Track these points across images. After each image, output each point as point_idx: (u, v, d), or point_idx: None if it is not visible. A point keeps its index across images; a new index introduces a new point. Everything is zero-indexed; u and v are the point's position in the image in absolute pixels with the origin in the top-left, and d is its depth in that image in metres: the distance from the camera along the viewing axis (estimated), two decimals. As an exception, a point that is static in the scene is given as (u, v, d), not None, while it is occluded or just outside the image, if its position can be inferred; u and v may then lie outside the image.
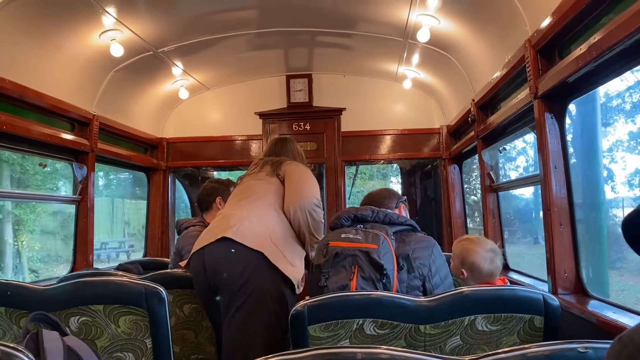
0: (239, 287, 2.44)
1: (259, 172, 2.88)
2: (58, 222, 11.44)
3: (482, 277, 2.35)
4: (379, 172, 11.56)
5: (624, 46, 1.87)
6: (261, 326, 2.43)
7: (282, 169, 2.83)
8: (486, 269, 2.33)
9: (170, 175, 5.39)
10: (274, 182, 2.79)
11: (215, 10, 3.65)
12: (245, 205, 2.70)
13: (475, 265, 2.33)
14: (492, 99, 3.59)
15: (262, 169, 2.90)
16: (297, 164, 2.93)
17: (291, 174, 2.80)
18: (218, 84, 5.22)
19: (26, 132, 3.22)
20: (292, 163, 2.90)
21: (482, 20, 3.23)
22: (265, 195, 2.74)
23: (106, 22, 3.31)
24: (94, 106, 3.94)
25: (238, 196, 2.82)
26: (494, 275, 2.37)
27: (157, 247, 5.21)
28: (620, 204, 6.22)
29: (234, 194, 2.90)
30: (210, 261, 2.51)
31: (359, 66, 5.03)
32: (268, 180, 2.81)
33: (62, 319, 2.03)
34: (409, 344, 1.86)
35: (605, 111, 5.70)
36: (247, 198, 2.75)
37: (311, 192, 2.75)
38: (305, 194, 2.72)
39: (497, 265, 2.36)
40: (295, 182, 2.76)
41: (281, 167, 2.85)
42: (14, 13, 2.80)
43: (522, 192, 8.03)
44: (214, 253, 2.52)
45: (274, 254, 2.48)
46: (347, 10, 3.75)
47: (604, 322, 2.03)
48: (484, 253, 2.35)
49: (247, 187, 2.85)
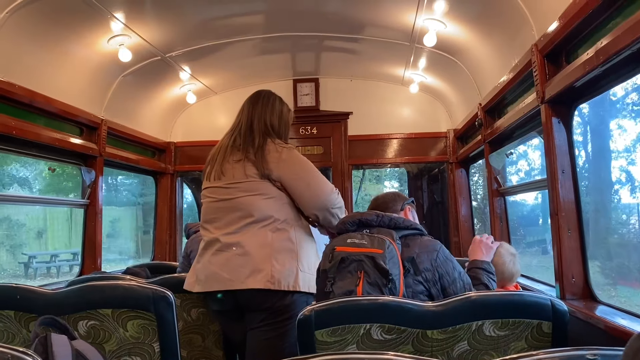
0: (271, 310, 2.40)
1: (241, 175, 2.45)
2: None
3: (502, 279, 2.37)
4: (377, 178, 11.38)
5: (631, 50, 1.86)
6: (287, 340, 2.41)
7: (270, 171, 2.44)
8: (508, 271, 2.41)
9: (177, 179, 5.41)
10: (273, 193, 2.46)
11: (222, 15, 3.67)
12: (256, 237, 2.40)
13: (499, 264, 2.39)
14: (499, 103, 3.58)
15: (245, 169, 2.45)
16: (285, 155, 2.48)
17: (292, 179, 2.47)
18: (225, 88, 5.24)
19: (35, 137, 3.25)
20: (279, 160, 2.46)
21: (489, 25, 3.22)
22: (271, 216, 2.43)
23: (114, 28, 3.34)
24: (102, 111, 3.97)
25: (231, 213, 2.45)
26: (513, 279, 2.42)
27: (165, 250, 5.23)
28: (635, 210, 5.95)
29: (220, 203, 2.50)
30: (242, 301, 2.41)
31: (366, 70, 5.04)
32: (262, 191, 2.44)
33: (71, 323, 2.04)
34: (416, 349, 1.85)
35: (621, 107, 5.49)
36: (251, 224, 2.41)
37: (328, 189, 2.53)
38: (324, 194, 2.51)
39: (517, 269, 2.42)
40: (305, 188, 2.48)
41: (268, 166, 2.44)
42: (24, 19, 2.82)
43: (524, 198, 7.93)
44: (248, 296, 2.39)
45: (306, 282, 2.42)
46: (353, 15, 3.75)
47: (613, 328, 2.01)
48: (507, 255, 2.41)
49: (239, 204, 2.44)
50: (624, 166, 6.00)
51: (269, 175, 2.44)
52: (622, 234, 5.97)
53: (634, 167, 5.83)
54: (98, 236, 3.99)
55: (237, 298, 2.41)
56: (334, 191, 2.56)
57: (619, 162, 6.08)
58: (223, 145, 2.60)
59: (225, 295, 2.43)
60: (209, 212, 2.56)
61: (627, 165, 5.99)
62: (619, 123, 5.55)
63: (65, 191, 8.91)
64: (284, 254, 2.41)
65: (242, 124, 2.60)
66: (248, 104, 2.67)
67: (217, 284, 2.42)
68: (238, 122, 2.63)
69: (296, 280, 2.38)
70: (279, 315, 2.39)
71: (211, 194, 2.56)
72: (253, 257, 2.37)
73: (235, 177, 2.47)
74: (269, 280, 2.34)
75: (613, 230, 5.97)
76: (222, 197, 2.50)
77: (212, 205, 2.55)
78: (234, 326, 2.56)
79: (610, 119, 5.46)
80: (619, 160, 6.08)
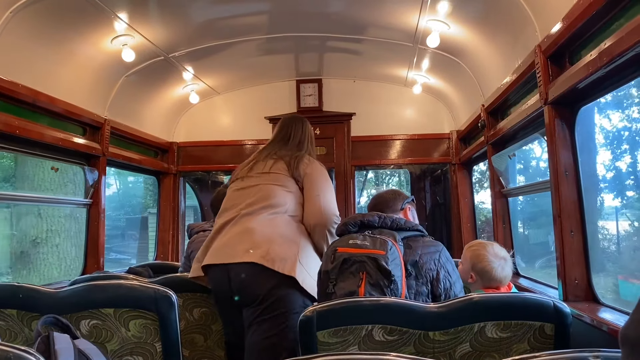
0: (267, 303, 2.40)
1: (271, 168, 2.66)
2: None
3: (490, 284, 2.35)
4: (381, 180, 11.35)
5: (634, 52, 1.85)
6: (285, 337, 2.42)
7: (300, 171, 2.64)
8: (496, 277, 2.34)
9: (180, 180, 5.42)
10: (292, 189, 2.63)
11: (225, 16, 3.68)
12: (265, 220, 2.53)
13: (485, 271, 2.34)
14: (502, 104, 3.58)
15: (275, 164, 2.67)
16: (316, 165, 2.71)
17: (312, 182, 2.64)
18: (228, 88, 5.25)
19: (39, 137, 3.26)
20: (311, 164, 2.69)
21: (492, 26, 3.22)
22: (285, 205, 2.59)
23: (118, 28, 3.34)
24: (105, 110, 3.98)
25: (250, 197, 2.61)
26: (504, 282, 2.37)
27: (167, 250, 5.23)
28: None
29: (242, 191, 2.66)
30: (237, 280, 2.43)
31: (369, 71, 5.04)
32: (284, 183, 2.62)
33: (73, 322, 2.05)
34: (418, 351, 1.85)
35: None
36: (265, 208, 2.56)
37: (333, 209, 2.64)
38: (328, 212, 2.61)
39: (507, 274, 2.37)
40: (317, 197, 2.62)
41: (299, 167, 2.65)
42: (27, 19, 2.83)
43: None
44: (242, 273, 2.42)
45: (302, 275, 2.42)
46: (357, 16, 3.75)
47: (616, 331, 2.00)
48: (495, 260, 2.35)
49: (260, 190, 2.61)
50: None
51: (294, 171, 2.64)
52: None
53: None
54: (101, 236, 3.99)
55: (230, 278, 2.44)
56: (336, 214, 2.66)
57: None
58: (258, 155, 2.80)
59: (222, 273, 2.49)
60: (228, 200, 2.71)
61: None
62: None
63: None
64: (286, 239, 2.49)
65: (277, 139, 2.85)
66: (285, 122, 2.91)
67: (216, 258, 2.51)
68: (275, 136, 2.88)
69: (292, 267, 2.41)
70: (274, 310, 2.40)
71: (236, 185, 2.73)
72: (255, 236, 2.46)
73: (265, 169, 2.67)
74: (263, 257, 2.39)
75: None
76: (245, 185, 2.68)
77: (233, 194, 2.72)
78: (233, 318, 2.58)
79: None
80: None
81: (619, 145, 4.26)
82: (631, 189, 4.20)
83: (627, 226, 4.24)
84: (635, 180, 4.09)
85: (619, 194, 4.25)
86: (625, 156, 4.25)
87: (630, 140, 4.17)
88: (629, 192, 4.24)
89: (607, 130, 4.20)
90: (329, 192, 2.69)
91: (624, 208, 4.21)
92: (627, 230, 4.24)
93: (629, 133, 4.15)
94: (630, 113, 4.00)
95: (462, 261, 2.47)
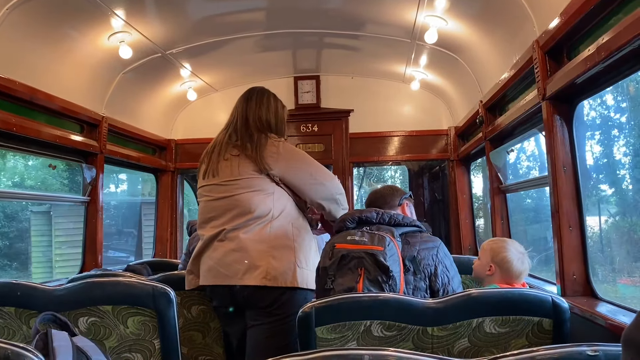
0: (271, 308, 2.40)
1: (240, 170, 2.44)
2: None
3: (509, 276, 2.38)
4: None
5: (632, 47, 1.85)
6: (288, 336, 2.41)
7: (269, 165, 2.43)
8: (516, 268, 2.41)
9: (178, 177, 5.41)
10: (271, 189, 2.45)
11: (223, 12, 3.67)
12: (255, 233, 2.40)
13: (506, 261, 2.40)
14: (500, 100, 3.58)
15: (242, 164, 2.44)
16: (284, 150, 2.48)
17: (293, 171, 2.48)
18: (226, 85, 5.23)
19: (36, 134, 3.25)
20: (279, 154, 2.46)
21: (490, 22, 3.22)
22: (270, 212, 2.43)
23: (115, 25, 3.33)
24: (103, 108, 3.97)
25: (231, 211, 2.43)
26: (521, 278, 2.43)
27: (165, 248, 5.23)
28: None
29: (220, 202, 2.47)
30: (240, 297, 2.40)
31: (367, 67, 5.03)
32: (261, 187, 2.43)
33: (71, 320, 2.05)
34: (416, 346, 1.85)
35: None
36: (251, 220, 2.40)
37: (330, 175, 2.55)
38: (328, 181, 2.53)
39: (525, 268, 2.44)
40: (309, 178, 2.50)
41: (266, 161, 2.43)
42: (24, 15, 2.82)
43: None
44: (245, 292, 2.38)
45: (303, 277, 2.42)
46: (354, 12, 3.75)
47: (614, 325, 2.01)
48: (516, 252, 2.44)
49: (238, 201, 2.42)
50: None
51: (268, 171, 2.44)
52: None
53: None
54: (99, 233, 3.99)
55: (234, 295, 2.41)
56: (335, 177, 2.59)
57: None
58: (218, 142, 2.60)
59: (223, 291, 2.44)
60: (207, 211, 2.54)
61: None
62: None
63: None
64: (281, 250, 2.41)
65: (236, 120, 2.60)
66: (242, 101, 2.67)
67: (215, 278, 2.43)
68: (233, 119, 2.64)
69: (294, 276, 2.39)
70: (277, 313, 2.39)
71: (208, 193, 2.55)
72: (250, 254, 2.38)
73: (233, 174, 2.46)
74: (264, 277, 2.35)
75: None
76: (220, 195, 2.49)
77: (209, 204, 2.54)
78: (234, 323, 2.56)
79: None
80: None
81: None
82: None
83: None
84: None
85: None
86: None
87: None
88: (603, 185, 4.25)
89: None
90: (314, 166, 2.55)
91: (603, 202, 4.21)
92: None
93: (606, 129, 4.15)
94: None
95: (479, 256, 2.54)
